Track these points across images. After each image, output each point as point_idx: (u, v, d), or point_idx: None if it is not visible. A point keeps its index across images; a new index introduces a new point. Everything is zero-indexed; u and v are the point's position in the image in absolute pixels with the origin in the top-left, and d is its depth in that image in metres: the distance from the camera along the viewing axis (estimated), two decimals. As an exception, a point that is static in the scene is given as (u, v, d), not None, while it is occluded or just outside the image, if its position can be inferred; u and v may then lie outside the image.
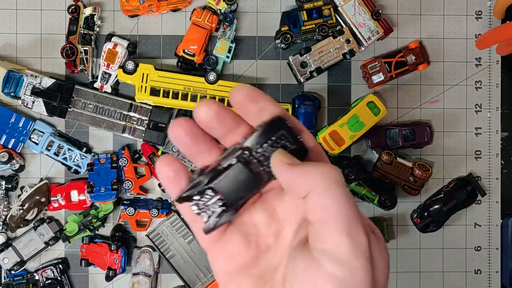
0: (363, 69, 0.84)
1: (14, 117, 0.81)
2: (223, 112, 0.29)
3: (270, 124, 0.28)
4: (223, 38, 0.82)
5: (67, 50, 0.81)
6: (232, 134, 0.29)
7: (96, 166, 0.81)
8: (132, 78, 0.81)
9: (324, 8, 0.83)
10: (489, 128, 0.87)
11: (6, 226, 0.82)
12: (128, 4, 0.81)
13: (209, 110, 0.29)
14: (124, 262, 0.81)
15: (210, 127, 0.29)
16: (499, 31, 0.80)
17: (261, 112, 0.28)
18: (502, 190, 0.87)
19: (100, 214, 0.82)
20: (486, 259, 0.86)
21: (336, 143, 0.81)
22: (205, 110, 0.29)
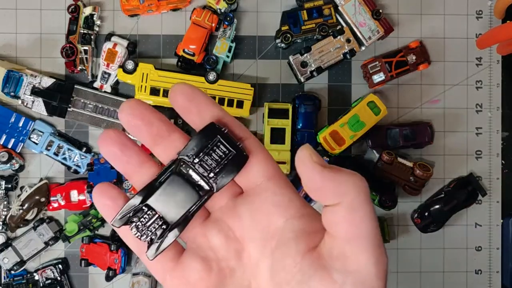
0: (364, 68, 0.84)
1: (14, 117, 0.81)
2: (149, 113, 0.27)
3: (204, 131, 0.26)
4: (223, 37, 0.82)
5: (67, 49, 0.81)
6: (165, 142, 0.28)
7: (96, 166, 0.81)
8: (132, 77, 0.81)
9: (324, 8, 0.83)
10: (490, 128, 0.86)
11: (6, 226, 0.82)
12: (128, 3, 0.81)
13: (134, 109, 0.27)
14: (124, 262, 0.81)
15: (138, 130, 0.27)
16: (499, 31, 0.80)
17: (201, 113, 0.27)
18: (502, 190, 0.87)
19: (100, 214, 0.82)
20: (487, 259, 0.86)
21: (337, 143, 0.81)
22: (129, 108, 0.27)
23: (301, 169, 0.25)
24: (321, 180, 0.24)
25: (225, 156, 0.26)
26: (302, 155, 0.25)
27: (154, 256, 0.27)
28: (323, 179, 0.24)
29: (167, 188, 0.27)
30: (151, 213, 0.27)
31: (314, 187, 0.24)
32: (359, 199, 0.23)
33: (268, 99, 0.85)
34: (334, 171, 0.24)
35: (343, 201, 0.23)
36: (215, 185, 0.27)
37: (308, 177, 0.24)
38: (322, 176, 0.24)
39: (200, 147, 0.26)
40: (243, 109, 0.82)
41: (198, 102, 0.27)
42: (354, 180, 0.24)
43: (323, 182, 0.24)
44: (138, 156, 0.28)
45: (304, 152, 0.25)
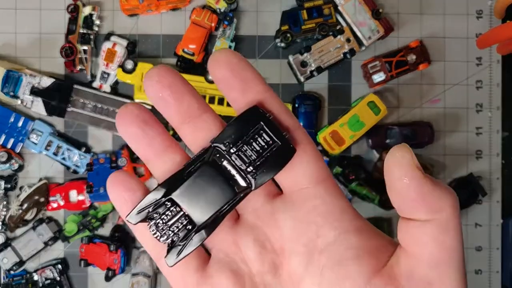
0: (364, 68, 0.84)
1: (13, 116, 0.81)
2: (181, 85, 0.23)
3: (244, 115, 0.22)
4: (223, 37, 0.82)
5: (66, 49, 0.80)
6: (194, 122, 0.23)
7: (95, 166, 0.81)
8: (131, 77, 0.80)
9: (324, 7, 0.82)
10: (490, 128, 0.86)
11: (5, 226, 0.81)
12: (127, 3, 0.80)
13: (163, 77, 0.22)
14: (123, 263, 0.81)
15: (165, 104, 0.23)
16: (499, 31, 0.80)
17: (245, 91, 0.23)
18: (503, 190, 0.86)
19: (99, 214, 0.82)
20: (487, 259, 0.86)
21: (337, 143, 0.81)
22: (157, 75, 0.22)
23: (395, 173, 0.20)
24: (419, 191, 0.20)
25: (268, 147, 0.22)
26: (401, 157, 0.20)
27: (174, 262, 0.22)
28: (422, 191, 0.20)
29: (196, 181, 0.22)
30: (175, 209, 0.22)
31: (407, 197, 0.20)
32: (454, 219, 0.20)
33: (268, 99, 0.85)
34: (433, 183, 0.20)
35: (435, 219, 0.20)
36: (253, 181, 0.22)
37: (404, 185, 0.20)
38: (421, 186, 0.20)
39: (238, 134, 0.22)
40: (243, 109, 0.81)
41: (244, 77, 0.22)
42: (452, 197, 0.20)
43: (421, 194, 0.20)
44: (161, 139, 0.23)
45: (405, 154, 0.20)
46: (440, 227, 0.20)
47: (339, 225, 0.23)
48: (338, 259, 0.22)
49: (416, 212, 0.21)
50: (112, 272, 0.80)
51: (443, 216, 0.20)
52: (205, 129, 0.23)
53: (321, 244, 0.22)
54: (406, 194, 0.20)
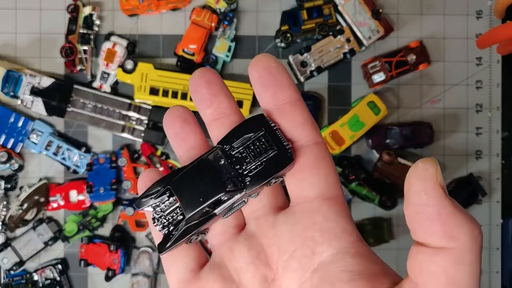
0: (364, 68, 0.84)
1: (13, 116, 0.81)
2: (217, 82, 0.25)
3: (248, 121, 0.23)
4: (223, 37, 0.82)
5: (66, 49, 0.80)
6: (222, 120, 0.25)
7: (95, 166, 0.81)
8: (131, 77, 0.80)
9: (324, 7, 0.82)
10: (490, 128, 0.86)
11: (5, 226, 0.81)
12: (127, 3, 0.80)
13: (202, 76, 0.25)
14: (123, 263, 0.81)
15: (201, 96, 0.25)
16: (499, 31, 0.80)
17: (276, 94, 0.24)
18: (502, 190, 0.86)
19: (99, 214, 0.82)
20: (487, 259, 0.86)
21: (337, 143, 0.81)
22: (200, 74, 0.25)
23: (415, 186, 0.19)
24: (437, 210, 0.18)
25: (265, 153, 0.22)
26: (424, 169, 0.18)
27: (163, 251, 0.23)
28: (440, 210, 0.18)
29: (192, 172, 0.23)
30: (173, 200, 0.23)
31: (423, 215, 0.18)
32: (472, 252, 0.18)
33: (267, 99, 0.85)
34: (456, 206, 0.18)
35: (450, 248, 0.18)
36: (246, 183, 0.22)
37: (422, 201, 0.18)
38: (440, 206, 0.18)
39: (239, 137, 0.23)
40: (243, 109, 0.81)
41: (279, 80, 0.24)
42: (474, 227, 0.18)
43: (438, 214, 0.18)
44: (196, 137, 0.25)
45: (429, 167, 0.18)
46: (453, 258, 0.18)
47: (338, 245, 0.22)
48: (331, 281, 0.21)
49: (430, 234, 0.18)
50: (112, 272, 0.80)
51: (459, 245, 0.18)
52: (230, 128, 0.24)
53: (316, 262, 0.22)
54: (423, 211, 0.18)
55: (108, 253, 0.80)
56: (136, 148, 0.84)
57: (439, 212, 0.18)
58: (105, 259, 0.80)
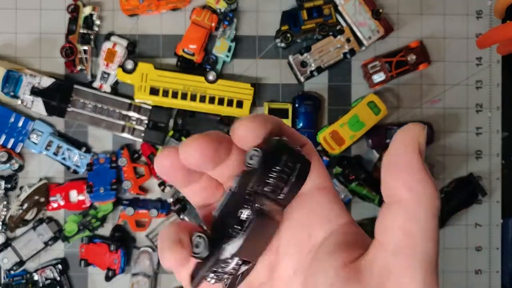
0: (364, 68, 0.84)
1: (14, 117, 0.81)
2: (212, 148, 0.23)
3: (272, 153, 0.22)
4: (223, 37, 0.82)
5: (66, 49, 0.80)
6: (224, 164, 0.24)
7: (95, 166, 0.81)
8: (131, 77, 0.80)
9: (324, 7, 0.82)
10: (490, 128, 0.86)
11: (6, 226, 0.81)
12: (127, 3, 0.80)
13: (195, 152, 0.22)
14: (123, 262, 0.81)
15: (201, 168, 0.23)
16: (499, 31, 0.80)
17: None
18: (502, 190, 0.87)
19: (100, 214, 0.82)
20: (487, 259, 0.86)
21: (337, 143, 0.81)
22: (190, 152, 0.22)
23: (398, 140, 0.21)
24: (408, 163, 0.20)
25: (293, 173, 0.23)
26: (411, 129, 0.21)
27: None
28: (410, 165, 0.20)
29: (250, 233, 0.22)
30: (234, 261, 0.23)
31: (396, 165, 0.20)
32: (427, 209, 0.20)
33: (268, 99, 0.85)
34: (425, 168, 0.20)
35: (406, 200, 0.20)
36: (285, 202, 0.24)
37: (398, 151, 0.21)
38: (412, 161, 0.20)
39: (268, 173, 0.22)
40: (243, 109, 0.81)
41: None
42: (431, 189, 0.20)
43: (407, 166, 0.20)
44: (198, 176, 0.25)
45: (416, 128, 0.21)
46: (409, 213, 0.20)
47: (330, 228, 0.23)
48: (318, 257, 0.23)
49: (394, 183, 0.20)
50: (112, 272, 0.80)
51: (414, 199, 0.20)
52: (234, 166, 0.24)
53: (311, 244, 0.23)
54: (396, 160, 0.21)
55: (108, 253, 0.80)
56: (136, 148, 0.84)
57: (408, 164, 0.20)
58: (105, 259, 0.80)
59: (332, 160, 0.83)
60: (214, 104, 0.81)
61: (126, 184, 0.81)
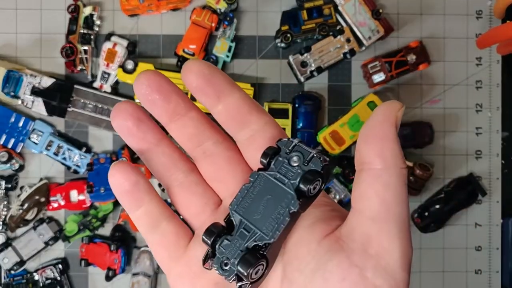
0: (364, 68, 0.84)
1: (14, 117, 0.81)
2: (167, 86, 0.25)
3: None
4: (223, 37, 0.82)
5: (67, 49, 0.81)
6: (182, 120, 0.25)
7: (96, 166, 0.81)
8: (131, 77, 0.81)
9: (324, 8, 0.83)
10: (490, 128, 0.86)
11: (6, 226, 0.82)
12: (127, 3, 0.81)
13: (152, 81, 0.24)
14: (123, 262, 0.81)
15: (154, 105, 0.25)
16: (499, 31, 0.80)
17: (220, 98, 0.25)
18: (502, 190, 0.87)
19: (100, 214, 0.82)
20: (487, 259, 0.86)
21: (337, 143, 0.81)
22: (146, 79, 0.24)
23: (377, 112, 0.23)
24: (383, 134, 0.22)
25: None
26: (390, 104, 0.23)
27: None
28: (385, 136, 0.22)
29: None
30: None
31: (371, 135, 0.22)
32: (398, 178, 0.21)
33: (268, 99, 0.85)
34: (398, 141, 0.23)
35: (379, 169, 0.22)
36: None
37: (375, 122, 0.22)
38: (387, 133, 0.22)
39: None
40: (243, 109, 0.81)
41: (217, 84, 0.25)
42: (401, 161, 0.22)
43: (382, 137, 0.22)
44: (154, 133, 0.26)
45: (395, 104, 0.23)
46: (383, 181, 0.21)
47: None
48: (297, 231, 0.24)
49: (368, 151, 0.22)
50: (112, 272, 0.80)
51: (386, 168, 0.21)
52: (191, 126, 0.25)
53: None
54: (373, 130, 0.22)
55: (108, 253, 0.80)
56: (136, 148, 0.84)
57: (384, 135, 0.22)
58: (106, 259, 0.81)
59: (332, 160, 0.83)
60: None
61: (127, 184, 0.81)
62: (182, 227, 0.26)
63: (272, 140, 0.25)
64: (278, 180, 0.23)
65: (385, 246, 0.21)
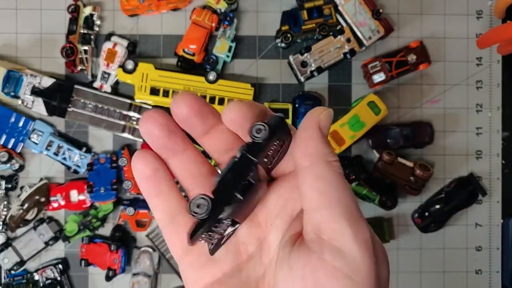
0: (364, 68, 0.84)
1: (14, 117, 0.81)
2: (205, 108, 0.26)
3: (275, 128, 0.25)
4: (223, 37, 0.82)
5: (67, 49, 0.81)
6: (210, 133, 0.27)
7: (96, 166, 0.81)
8: (132, 77, 0.81)
9: (324, 8, 0.83)
10: (490, 128, 0.86)
11: (6, 226, 0.82)
12: (127, 3, 0.81)
13: (189, 106, 0.25)
14: (124, 262, 0.81)
15: (189, 124, 0.26)
16: (499, 31, 0.80)
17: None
18: (503, 190, 0.87)
19: (100, 214, 0.82)
20: (487, 259, 0.86)
21: (337, 143, 0.81)
22: (184, 105, 0.25)
23: (306, 118, 0.25)
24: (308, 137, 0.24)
25: (283, 143, 0.26)
26: (317, 110, 0.25)
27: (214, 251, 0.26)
28: (311, 138, 0.24)
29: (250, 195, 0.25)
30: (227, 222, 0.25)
31: (300, 138, 0.24)
32: (328, 169, 0.23)
33: (268, 99, 0.85)
34: (326, 142, 0.24)
35: (308, 166, 0.24)
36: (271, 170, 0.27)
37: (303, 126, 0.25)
38: (313, 135, 0.24)
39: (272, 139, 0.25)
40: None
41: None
42: (329, 156, 0.24)
43: (308, 139, 0.24)
44: (183, 142, 0.27)
45: (321, 110, 0.25)
46: (313, 174, 0.23)
47: None
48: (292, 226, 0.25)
49: (297, 151, 0.24)
50: (112, 272, 0.80)
51: (314, 163, 0.23)
52: (222, 138, 0.27)
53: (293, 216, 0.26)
54: (300, 133, 0.24)
55: (108, 253, 0.80)
56: (136, 148, 0.84)
57: (307, 137, 0.24)
58: (106, 259, 0.81)
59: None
60: (214, 104, 0.81)
61: (127, 184, 0.81)
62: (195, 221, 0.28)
63: None
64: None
65: (335, 228, 0.22)
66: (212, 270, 0.26)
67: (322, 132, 0.24)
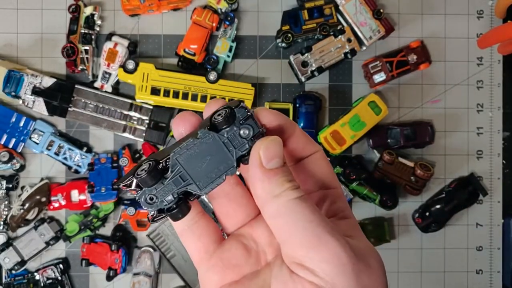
0: (364, 68, 0.84)
1: (15, 116, 0.81)
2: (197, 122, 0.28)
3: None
4: (224, 37, 0.82)
5: (67, 49, 0.81)
6: None
7: (97, 165, 0.81)
8: (132, 77, 0.81)
9: (325, 7, 0.83)
10: (491, 128, 0.86)
11: (7, 225, 0.82)
12: (128, 3, 0.81)
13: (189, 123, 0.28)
14: (124, 262, 0.81)
15: None
16: (500, 31, 0.80)
17: None
18: (503, 190, 0.87)
19: (101, 214, 0.82)
20: (488, 259, 0.86)
21: (337, 143, 0.81)
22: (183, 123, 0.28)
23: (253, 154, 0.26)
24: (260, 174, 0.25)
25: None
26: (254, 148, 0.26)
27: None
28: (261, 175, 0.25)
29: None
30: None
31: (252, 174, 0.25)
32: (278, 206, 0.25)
33: (268, 99, 0.85)
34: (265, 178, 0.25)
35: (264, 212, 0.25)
36: None
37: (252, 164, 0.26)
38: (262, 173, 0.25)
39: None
40: (244, 109, 0.81)
41: None
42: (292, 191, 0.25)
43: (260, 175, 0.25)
44: None
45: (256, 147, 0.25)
46: (267, 216, 0.25)
47: None
48: None
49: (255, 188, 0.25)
50: (113, 271, 0.80)
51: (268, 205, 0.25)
52: None
53: None
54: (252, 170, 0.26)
55: (109, 252, 0.80)
56: (137, 147, 0.84)
57: (255, 178, 0.25)
58: (107, 258, 0.81)
59: (333, 160, 0.83)
60: (215, 104, 0.81)
61: (127, 184, 0.81)
62: (216, 226, 0.29)
63: None
64: (225, 145, 0.26)
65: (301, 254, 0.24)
66: (233, 273, 0.28)
67: (264, 168, 0.25)
